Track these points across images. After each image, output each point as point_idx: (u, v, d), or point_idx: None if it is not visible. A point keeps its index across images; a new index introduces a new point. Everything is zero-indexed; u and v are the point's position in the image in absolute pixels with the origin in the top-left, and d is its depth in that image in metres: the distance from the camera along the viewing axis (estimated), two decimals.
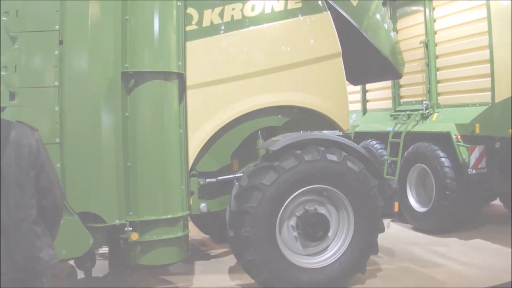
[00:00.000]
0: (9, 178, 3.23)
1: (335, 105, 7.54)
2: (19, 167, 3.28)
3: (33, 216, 3.33)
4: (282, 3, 7.31)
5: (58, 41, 6.09)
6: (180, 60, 6.69)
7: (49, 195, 3.47)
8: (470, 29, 9.74)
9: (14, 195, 3.24)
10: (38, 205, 3.39)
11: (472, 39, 9.66)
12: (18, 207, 3.25)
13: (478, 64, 9.49)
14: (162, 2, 6.58)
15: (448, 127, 9.63)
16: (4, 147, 3.25)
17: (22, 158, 3.30)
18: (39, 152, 3.41)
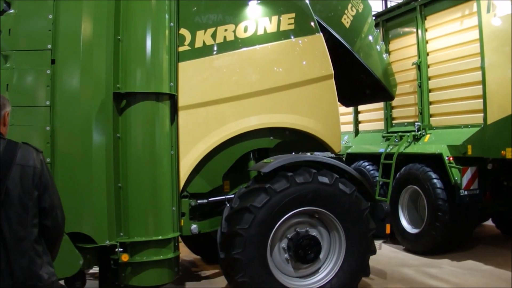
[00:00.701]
0: (14, 197, 3.35)
1: (327, 127, 7.54)
2: (24, 187, 3.39)
3: (34, 235, 3.45)
4: (274, 25, 7.33)
5: (50, 60, 6.08)
6: (172, 81, 6.68)
7: (50, 216, 3.58)
8: (462, 51, 9.82)
9: (17, 214, 3.36)
10: (40, 225, 3.51)
11: (464, 61, 9.73)
12: (20, 225, 3.36)
13: (470, 85, 9.55)
14: (155, 23, 6.58)
15: (440, 149, 9.65)
16: (10, 167, 3.36)
17: (27, 178, 3.42)
18: (43, 173, 3.53)
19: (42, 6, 6.17)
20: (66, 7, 6.20)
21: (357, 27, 8.46)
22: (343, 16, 8.26)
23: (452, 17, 10.13)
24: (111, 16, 6.40)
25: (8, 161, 3.39)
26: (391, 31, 11.90)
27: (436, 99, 10.53)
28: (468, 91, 9.61)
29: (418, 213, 10.57)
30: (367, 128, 13.03)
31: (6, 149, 3.43)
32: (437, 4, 10.53)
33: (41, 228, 3.53)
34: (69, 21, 6.21)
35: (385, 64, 9.13)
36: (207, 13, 7.12)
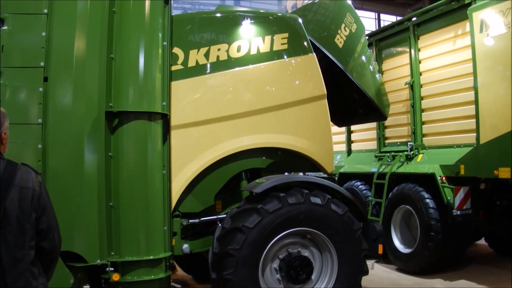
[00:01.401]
0: (12, 218, 3.34)
1: (319, 148, 7.53)
2: (22, 209, 3.39)
3: (31, 257, 3.43)
4: (267, 45, 7.34)
5: (42, 77, 6.06)
6: (165, 100, 6.67)
7: (48, 238, 3.58)
8: (455, 71, 9.89)
9: (15, 236, 3.35)
10: (37, 247, 3.50)
11: (457, 81, 9.80)
12: (18, 247, 3.35)
13: (463, 105, 9.61)
14: (148, 42, 6.58)
15: (433, 169, 9.67)
16: (9, 188, 3.36)
17: (25, 200, 3.41)
18: (41, 195, 3.53)
19: (36, 23, 6.16)
20: (60, 25, 6.19)
21: (350, 47, 8.49)
22: (336, 36, 8.30)
23: (445, 37, 10.21)
24: (104, 34, 6.39)
25: (7, 182, 3.38)
26: (384, 51, 11.97)
27: (429, 119, 10.57)
28: (461, 111, 9.66)
29: (410, 233, 10.57)
30: (360, 148, 13.06)
31: (6, 169, 3.43)
32: (430, 24, 10.61)
33: (38, 250, 3.52)
34: (62, 38, 6.20)
35: (378, 84, 9.15)
36: (200, 33, 7.15)
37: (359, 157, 12.88)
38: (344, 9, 8.76)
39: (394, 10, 32.57)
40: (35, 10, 6.19)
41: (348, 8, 8.85)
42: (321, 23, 8.46)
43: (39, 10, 6.18)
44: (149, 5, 6.64)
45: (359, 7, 29.36)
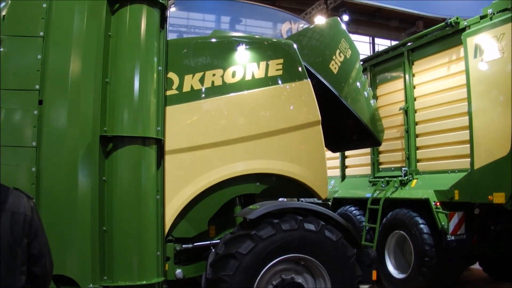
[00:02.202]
0: (3, 243, 3.31)
1: (313, 174, 7.52)
2: (13, 234, 3.36)
3: (22, 282, 3.41)
4: (262, 70, 7.36)
5: (37, 101, 6.05)
6: (159, 125, 6.66)
7: (39, 263, 3.56)
8: (449, 96, 9.92)
9: (6, 261, 3.31)
10: (28, 272, 3.47)
11: (452, 106, 9.82)
12: (9, 272, 3.32)
13: (457, 130, 9.64)
14: (143, 66, 6.58)
15: (427, 194, 9.67)
16: (0, 213, 3.34)
17: (17, 225, 3.39)
18: (33, 221, 3.51)
19: (32, 46, 6.16)
20: (55, 48, 6.20)
21: (345, 73, 8.52)
22: (331, 62, 8.33)
23: (440, 62, 10.28)
24: (99, 58, 6.39)
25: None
26: (378, 76, 12.03)
27: (423, 144, 10.59)
28: (455, 136, 9.69)
29: (404, 258, 10.54)
30: (354, 173, 13.08)
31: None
32: (424, 50, 10.69)
33: (29, 275, 3.49)
34: (58, 62, 6.20)
35: (373, 110, 9.17)
36: (195, 58, 7.18)
37: (353, 182, 12.90)
38: (339, 35, 8.80)
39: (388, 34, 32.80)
40: (31, 33, 6.20)
41: (343, 33, 8.90)
42: (316, 49, 8.51)
43: (35, 33, 6.19)
44: (144, 30, 6.65)
45: (354, 31, 29.56)
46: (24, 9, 6.28)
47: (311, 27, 9.06)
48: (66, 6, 6.37)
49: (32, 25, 6.23)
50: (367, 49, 33.84)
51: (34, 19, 6.25)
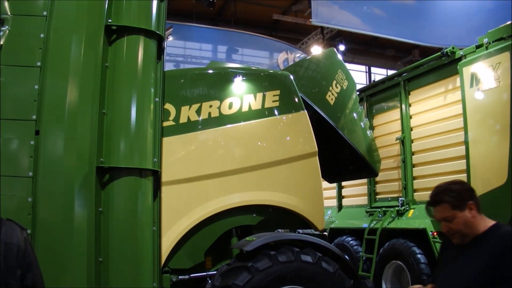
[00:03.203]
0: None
1: (310, 205, 7.51)
2: (7, 264, 3.34)
3: None
4: (259, 102, 7.39)
5: (34, 131, 6.04)
6: (156, 157, 6.65)
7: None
8: (446, 125, 9.94)
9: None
10: None
11: (448, 135, 9.83)
12: None
13: (454, 160, 9.64)
14: (140, 97, 6.60)
15: (424, 224, 9.64)
16: None
17: (10, 256, 3.38)
18: (27, 252, 3.50)
19: (29, 76, 6.17)
20: (52, 78, 6.21)
21: (341, 103, 8.56)
22: (327, 93, 8.37)
23: (436, 92, 10.32)
24: (96, 89, 6.39)
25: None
26: (375, 106, 12.07)
27: (420, 174, 10.59)
28: (452, 165, 9.69)
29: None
30: (351, 203, 13.06)
31: None
32: (420, 79, 10.74)
33: None
34: (55, 92, 6.21)
35: (369, 141, 9.20)
36: (192, 89, 7.22)
37: (350, 212, 12.86)
38: (336, 66, 8.85)
39: (384, 63, 32.96)
40: (29, 63, 6.21)
41: (339, 64, 8.95)
42: (313, 79, 8.55)
43: (33, 63, 6.20)
44: (141, 61, 6.68)
45: (350, 60, 29.71)
46: (22, 39, 6.30)
47: (307, 58, 9.10)
48: (63, 36, 6.40)
49: (30, 55, 6.24)
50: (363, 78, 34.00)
51: (31, 49, 6.26)
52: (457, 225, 3.99)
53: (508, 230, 3.93)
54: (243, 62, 25.81)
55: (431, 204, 4.14)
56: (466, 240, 4.06)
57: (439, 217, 4.06)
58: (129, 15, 6.76)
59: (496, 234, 3.94)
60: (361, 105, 10.73)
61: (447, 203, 4.00)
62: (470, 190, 4.24)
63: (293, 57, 25.64)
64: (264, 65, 26.22)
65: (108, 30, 6.61)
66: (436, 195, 4.10)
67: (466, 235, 4.03)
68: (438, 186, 4.14)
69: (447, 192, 4.03)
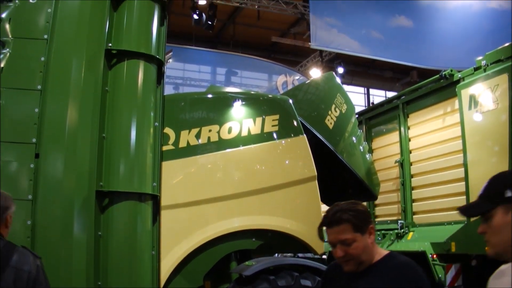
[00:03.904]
0: None
1: (309, 229, 7.47)
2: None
3: None
4: (258, 126, 7.41)
5: (34, 154, 6.05)
6: (155, 181, 6.66)
7: None
8: (444, 148, 9.94)
9: None
10: None
11: (447, 158, 9.83)
12: None
13: (453, 182, 9.62)
14: (140, 122, 6.62)
15: (423, 246, 9.61)
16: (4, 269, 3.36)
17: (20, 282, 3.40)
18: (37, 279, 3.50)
19: (29, 99, 6.21)
20: (53, 102, 6.24)
21: (340, 128, 8.59)
22: (326, 117, 8.40)
23: (435, 115, 10.33)
24: (96, 113, 6.42)
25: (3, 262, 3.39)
26: (374, 129, 12.10)
27: (419, 197, 10.58)
28: (451, 188, 9.69)
29: None
30: None
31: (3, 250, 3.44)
32: (419, 102, 10.75)
33: None
34: (55, 116, 6.24)
35: (368, 164, 9.22)
36: (192, 113, 7.25)
37: None
38: (335, 90, 8.89)
39: (383, 85, 33.03)
40: (29, 86, 6.24)
41: (338, 88, 8.99)
42: (312, 103, 8.59)
43: (33, 86, 6.23)
44: (141, 85, 6.71)
45: (348, 82, 29.77)
46: (22, 62, 6.34)
47: (307, 82, 9.16)
48: (64, 60, 6.44)
49: (30, 78, 6.28)
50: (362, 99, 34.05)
51: (32, 72, 6.30)
52: (356, 250, 3.39)
53: (405, 261, 3.50)
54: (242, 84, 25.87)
55: (328, 223, 3.47)
56: (361, 268, 3.46)
57: (335, 239, 3.41)
58: (129, 40, 6.80)
59: (393, 264, 3.41)
60: (360, 128, 10.77)
61: (349, 224, 3.38)
62: (369, 214, 3.92)
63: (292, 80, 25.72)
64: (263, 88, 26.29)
65: (108, 54, 6.66)
66: (335, 214, 3.43)
67: (362, 262, 3.44)
68: (337, 205, 3.51)
69: (350, 211, 3.42)
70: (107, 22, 6.75)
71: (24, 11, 6.49)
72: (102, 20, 6.72)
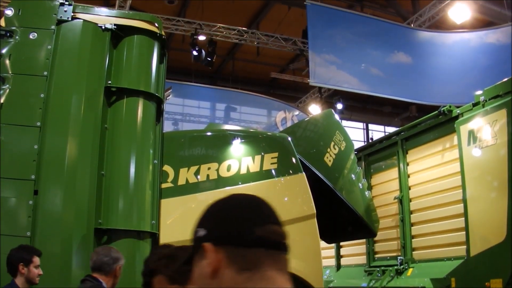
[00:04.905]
0: None
1: (308, 267, 7.43)
2: None
3: None
4: (257, 164, 7.40)
5: (33, 191, 6.06)
6: (154, 219, 6.64)
7: None
8: (444, 184, 9.92)
9: None
10: None
11: (446, 194, 9.81)
12: None
13: (452, 218, 9.60)
14: (139, 159, 6.64)
15: (423, 282, 9.54)
16: None
17: None
18: None
19: (29, 135, 6.25)
20: (52, 138, 6.29)
21: (339, 165, 8.59)
22: (325, 154, 8.40)
23: (434, 151, 10.35)
24: (95, 150, 6.45)
25: None
26: (373, 165, 12.09)
27: (419, 233, 10.54)
28: (451, 224, 9.65)
29: None
30: (349, 262, 12.97)
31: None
32: (418, 138, 10.78)
33: None
34: (54, 152, 6.27)
35: (367, 201, 9.21)
36: (190, 151, 7.25)
37: (348, 271, 12.75)
38: (333, 127, 8.92)
39: (382, 120, 33.07)
40: (29, 122, 6.29)
41: (337, 125, 9.02)
42: (311, 141, 8.61)
43: (33, 122, 6.27)
44: (140, 123, 6.74)
45: (348, 118, 29.85)
46: (22, 99, 6.38)
47: (306, 119, 9.19)
48: (63, 97, 6.48)
49: (30, 115, 6.33)
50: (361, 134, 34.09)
51: (31, 108, 6.36)
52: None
53: None
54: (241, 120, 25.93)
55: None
56: None
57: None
58: (128, 77, 6.85)
59: None
60: (359, 164, 10.77)
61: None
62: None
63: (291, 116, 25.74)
64: (262, 124, 26.31)
65: (107, 92, 6.71)
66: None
67: None
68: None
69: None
70: (107, 59, 6.81)
71: (24, 47, 6.55)
72: (102, 57, 6.79)
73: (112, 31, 6.90)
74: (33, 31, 6.58)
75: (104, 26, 6.87)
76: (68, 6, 6.81)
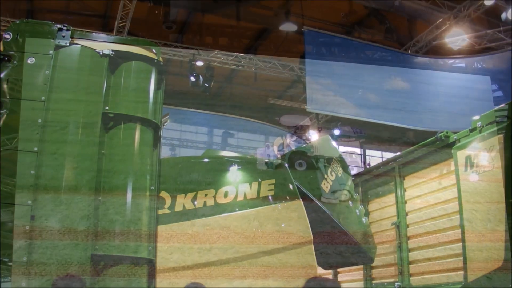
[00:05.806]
0: None
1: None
2: None
3: None
4: (254, 190, 7.40)
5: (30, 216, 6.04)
6: (151, 246, 6.63)
7: None
8: (441, 210, 9.89)
9: None
10: None
11: (443, 220, 9.79)
12: None
13: (450, 244, 9.55)
14: (136, 185, 6.63)
15: None
16: None
17: None
18: None
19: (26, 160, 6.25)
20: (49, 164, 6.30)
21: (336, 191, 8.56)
22: (322, 181, 8.39)
23: (431, 176, 10.31)
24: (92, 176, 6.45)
25: None
26: (370, 191, 12.06)
27: (416, 259, 10.50)
28: (448, 249, 9.62)
29: None
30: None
31: None
32: (415, 164, 10.74)
33: None
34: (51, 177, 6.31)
35: (364, 227, 9.18)
36: (188, 177, 7.23)
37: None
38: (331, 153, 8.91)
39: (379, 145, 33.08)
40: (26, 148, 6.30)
41: (334, 152, 9.02)
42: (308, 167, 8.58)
43: (30, 148, 6.28)
44: (137, 149, 6.75)
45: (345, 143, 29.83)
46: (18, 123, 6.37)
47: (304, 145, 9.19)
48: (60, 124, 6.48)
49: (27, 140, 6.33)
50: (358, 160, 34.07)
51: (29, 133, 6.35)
52: None
53: None
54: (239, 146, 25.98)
55: None
56: None
57: None
58: (126, 103, 6.86)
59: None
60: (356, 190, 10.76)
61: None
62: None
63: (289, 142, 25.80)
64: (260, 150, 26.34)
65: (105, 118, 6.70)
66: None
67: None
68: None
69: None
70: (105, 85, 6.82)
71: (22, 72, 6.56)
72: (100, 83, 6.82)
73: (110, 56, 6.92)
74: (31, 55, 6.61)
75: (102, 52, 6.90)
76: (66, 32, 6.85)
